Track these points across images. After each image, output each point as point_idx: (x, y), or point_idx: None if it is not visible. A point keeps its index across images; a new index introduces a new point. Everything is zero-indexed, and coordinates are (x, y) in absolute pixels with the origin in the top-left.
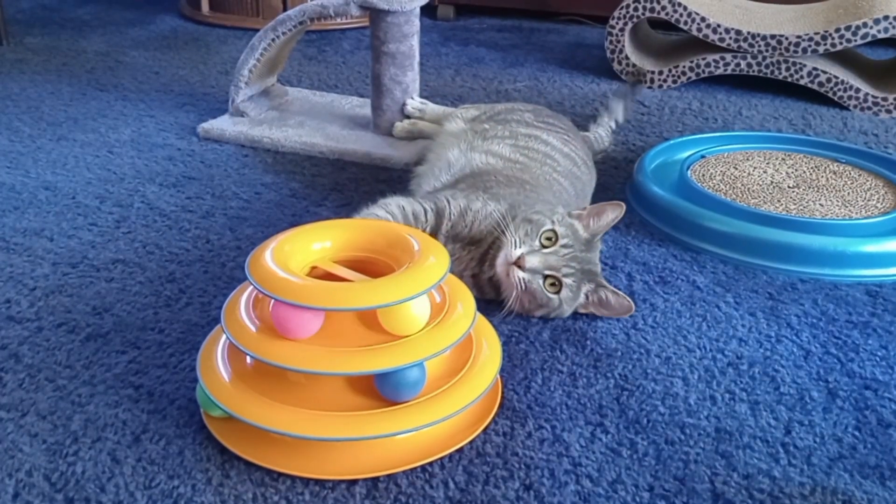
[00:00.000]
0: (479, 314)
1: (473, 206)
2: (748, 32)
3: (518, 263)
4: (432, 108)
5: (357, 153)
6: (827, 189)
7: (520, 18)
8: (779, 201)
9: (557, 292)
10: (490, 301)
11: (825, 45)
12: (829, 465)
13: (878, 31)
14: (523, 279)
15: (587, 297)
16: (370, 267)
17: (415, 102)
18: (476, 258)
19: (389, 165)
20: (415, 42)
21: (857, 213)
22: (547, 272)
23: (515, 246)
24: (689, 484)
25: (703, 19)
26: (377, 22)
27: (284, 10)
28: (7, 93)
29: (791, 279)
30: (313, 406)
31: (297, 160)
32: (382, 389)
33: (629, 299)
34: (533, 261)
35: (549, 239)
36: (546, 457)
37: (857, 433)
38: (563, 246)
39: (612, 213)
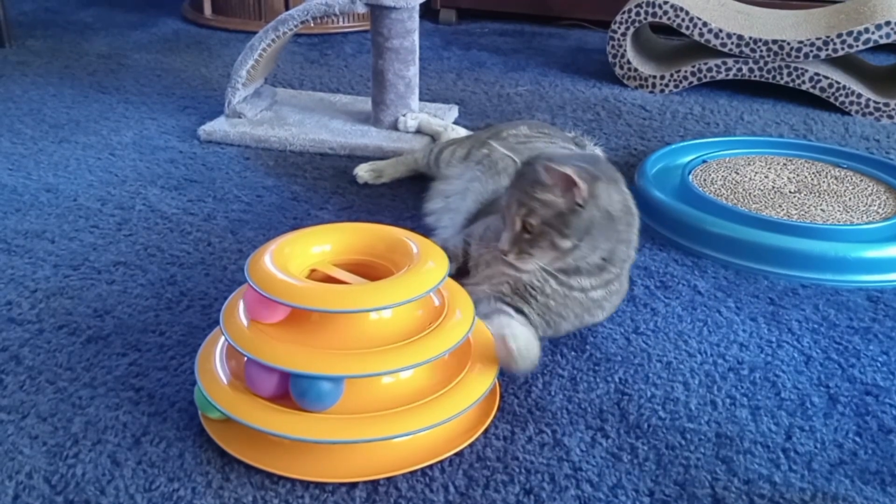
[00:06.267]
0: (478, 320)
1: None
2: (750, 37)
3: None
4: (426, 120)
5: (368, 147)
6: (828, 194)
7: (521, 23)
8: (780, 206)
9: None
10: None
11: (827, 50)
12: (829, 471)
13: (880, 37)
14: None
15: None
16: (370, 270)
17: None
18: None
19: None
20: (416, 37)
21: (858, 218)
22: None
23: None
24: (689, 489)
25: (704, 24)
26: (380, 19)
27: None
28: (9, 95)
29: (792, 284)
30: None
31: (298, 163)
32: (294, 391)
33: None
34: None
35: None
36: (546, 461)
37: (857, 439)
38: None
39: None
